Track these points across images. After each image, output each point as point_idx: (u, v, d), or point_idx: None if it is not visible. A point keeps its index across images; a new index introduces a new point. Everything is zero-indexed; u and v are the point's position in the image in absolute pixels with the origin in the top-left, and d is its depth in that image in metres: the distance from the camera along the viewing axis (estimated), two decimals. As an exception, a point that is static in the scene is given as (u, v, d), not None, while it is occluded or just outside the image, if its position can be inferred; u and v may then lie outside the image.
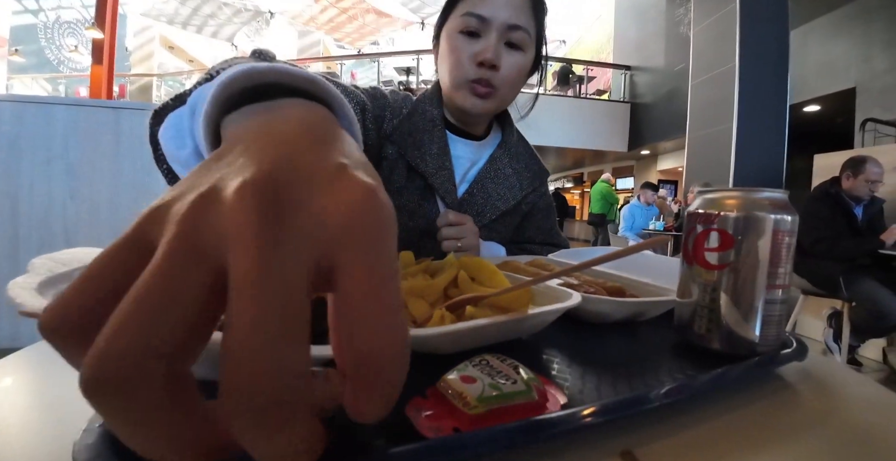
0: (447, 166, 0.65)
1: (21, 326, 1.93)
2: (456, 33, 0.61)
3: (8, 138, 1.86)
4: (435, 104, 0.67)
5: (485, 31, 0.60)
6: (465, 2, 0.61)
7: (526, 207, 0.76)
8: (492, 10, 0.59)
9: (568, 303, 0.30)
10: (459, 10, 0.61)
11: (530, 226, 0.78)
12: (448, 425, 0.18)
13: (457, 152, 0.68)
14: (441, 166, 0.64)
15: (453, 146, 0.68)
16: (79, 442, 0.17)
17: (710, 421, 0.24)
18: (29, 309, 0.17)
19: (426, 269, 0.40)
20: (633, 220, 4.52)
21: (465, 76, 0.61)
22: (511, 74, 0.62)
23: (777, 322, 0.30)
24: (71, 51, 10.45)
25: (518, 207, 0.74)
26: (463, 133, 0.70)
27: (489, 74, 0.60)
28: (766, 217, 0.29)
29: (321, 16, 10.34)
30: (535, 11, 0.62)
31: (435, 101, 0.67)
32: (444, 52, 0.63)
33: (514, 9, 0.59)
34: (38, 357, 0.34)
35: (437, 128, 0.66)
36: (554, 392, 0.21)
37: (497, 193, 0.69)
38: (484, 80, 0.60)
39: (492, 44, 0.59)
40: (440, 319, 0.27)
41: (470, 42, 0.60)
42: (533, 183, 0.75)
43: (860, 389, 0.30)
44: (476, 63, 0.60)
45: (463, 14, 0.60)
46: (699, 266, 0.31)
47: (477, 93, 0.61)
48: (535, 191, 0.76)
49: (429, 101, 0.67)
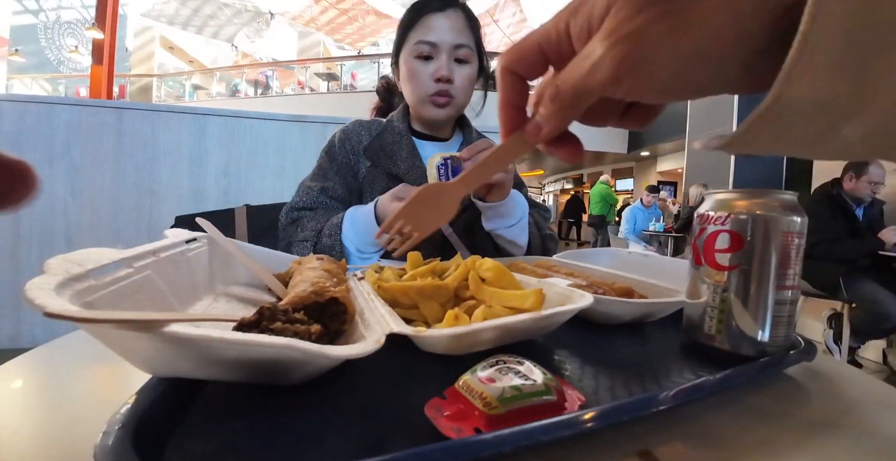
0: (418, 165, 0.77)
1: (21, 326, 1.93)
2: (412, 59, 0.75)
3: (9, 138, 1.86)
4: (402, 119, 0.82)
5: (436, 53, 0.75)
6: (415, 31, 0.75)
7: None
8: (439, 36, 0.74)
9: (581, 304, 0.30)
10: (412, 39, 0.75)
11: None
12: (469, 425, 0.18)
13: (426, 153, 0.80)
14: (412, 166, 0.77)
15: (423, 148, 0.81)
16: (99, 444, 0.17)
17: (723, 420, 0.24)
18: (51, 309, 0.17)
19: (434, 270, 0.40)
20: (635, 222, 4.52)
21: (426, 92, 0.76)
22: (463, 83, 0.77)
23: (786, 322, 0.30)
24: (71, 51, 10.44)
25: None
26: (432, 138, 0.84)
27: (446, 87, 0.75)
28: (776, 218, 0.29)
29: (321, 17, 10.36)
30: (472, 29, 0.77)
31: (402, 117, 0.83)
32: (405, 75, 0.77)
33: (456, 32, 0.75)
34: (45, 359, 0.34)
35: (404, 137, 0.80)
36: (571, 392, 0.22)
37: None
38: (443, 92, 0.75)
39: (444, 63, 0.74)
40: (453, 320, 0.27)
41: (425, 64, 0.75)
42: None
43: (869, 389, 0.30)
44: (434, 80, 0.75)
45: (416, 42, 0.74)
46: (709, 267, 0.31)
47: (438, 103, 0.76)
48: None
49: (398, 118, 0.83)
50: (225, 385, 0.24)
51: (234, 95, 9.79)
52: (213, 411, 0.22)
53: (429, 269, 0.40)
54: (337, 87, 8.99)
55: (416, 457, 0.16)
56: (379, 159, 0.79)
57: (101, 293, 0.24)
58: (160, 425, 0.20)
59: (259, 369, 0.21)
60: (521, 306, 0.30)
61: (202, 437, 0.20)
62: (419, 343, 0.28)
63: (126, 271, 0.28)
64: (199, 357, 0.20)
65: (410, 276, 0.39)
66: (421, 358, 0.29)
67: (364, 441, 0.20)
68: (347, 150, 0.81)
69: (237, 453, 0.19)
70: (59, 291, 0.21)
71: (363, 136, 0.82)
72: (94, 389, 0.30)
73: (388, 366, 0.28)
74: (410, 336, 0.26)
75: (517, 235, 0.71)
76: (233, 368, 0.21)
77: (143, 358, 0.21)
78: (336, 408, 0.23)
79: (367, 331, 0.27)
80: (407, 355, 0.29)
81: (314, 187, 0.77)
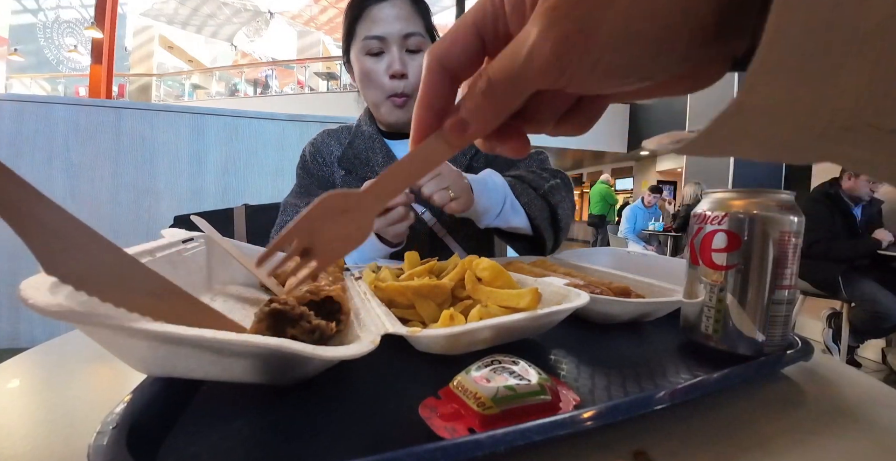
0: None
1: (20, 326, 1.93)
2: (363, 56, 0.70)
3: (8, 137, 1.86)
4: (369, 122, 0.78)
5: (386, 47, 0.69)
6: (361, 25, 0.70)
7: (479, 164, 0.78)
8: (386, 28, 0.68)
9: (577, 303, 0.30)
10: (359, 35, 0.70)
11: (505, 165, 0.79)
12: (463, 425, 0.18)
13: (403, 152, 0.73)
14: None
15: (398, 149, 0.77)
16: (93, 443, 0.17)
17: (720, 420, 0.24)
18: (44, 307, 0.17)
19: (431, 270, 0.40)
20: (635, 221, 4.52)
21: (383, 92, 0.71)
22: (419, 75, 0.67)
23: (783, 322, 0.30)
24: (70, 50, 10.43)
25: (470, 168, 0.77)
26: (406, 135, 0.77)
27: (401, 86, 0.70)
28: (773, 218, 0.29)
29: (321, 16, 10.34)
30: (421, 14, 0.72)
31: (368, 120, 0.78)
32: (358, 75, 0.73)
33: (403, 20, 0.69)
34: (43, 358, 0.34)
35: (376, 141, 0.76)
36: (566, 392, 0.22)
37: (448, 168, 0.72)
38: (398, 93, 0.71)
39: (395, 56, 0.69)
40: (449, 320, 0.27)
41: (376, 60, 0.70)
42: (469, 151, 0.78)
43: (866, 388, 0.30)
44: (388, 76, 0.70)
45: (364, 38, 0.69)
46: (706, 266, 0.31)
47: (396, 104, 0.72)
48: (477, 153, 0.79)
49: (364, 121, 0.79)
50: (220, 385, 0.24)
51: (234, 95, 9.79)
52: (207, 411, 0.22)
53: (426, 269, 0.40)
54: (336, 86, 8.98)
55: (409, 457, 0.16)
56: (355, 168, 0.76)
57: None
58: (155, 425, 0.20)
59: (254, 369, 0.21)
60: (518, 305, 0.30)
61: (197, 437, 0.20)
62: (415, 343, 0.28)
63: (122, 271, 0.28)
64: (193, 357, 0.20)
65: (407, 276, 0.39)
66: (416, 357, 0.29)
67: (358, 441, 0.20)
68: (320, 163, 0.79)
69: (231, 453, 0.19)
70: (54, 291, 0.21)
71: (333, 147, 0.79)
72: (92, 388, 0.30)
73: (383, 366, 0.28)
74: (406, 336, 0.26)
75: (510, 218, 0.62)
76: (227, 368, 0.21)
77: (137, 357, 0.21)
78: (330, 407, 0.23)
79: (363, 331, 0.27)
80: (403, 355, 0.29)
81: (299, 204, 0.75)
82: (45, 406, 0.26)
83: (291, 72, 9.92)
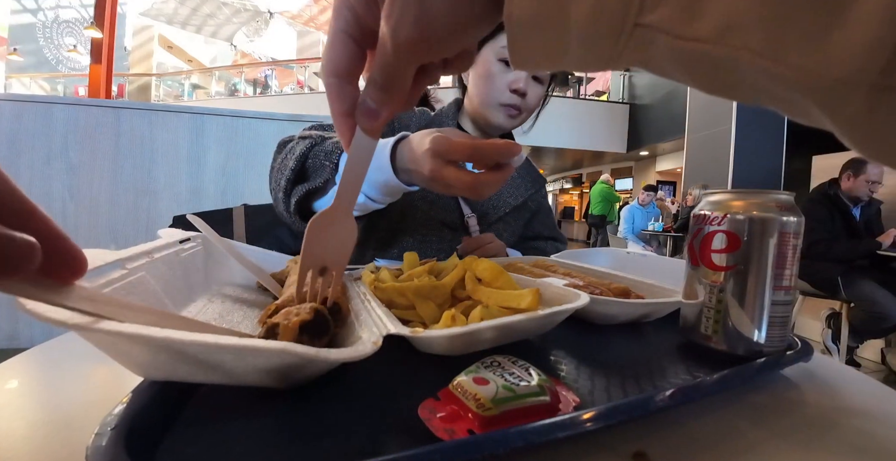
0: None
1: (20, 326, 1.93)
2: (496, 60, 0.73)
3: (7, 137, 1.86)
4: (451, 118, 0.81)
5: None
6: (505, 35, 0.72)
7: (533, 205, 0.90)
8: None
9: (577, 304, 0.30)
10: (500, 41, 0.72)
11: (538, 223, 0.92)
12: (462, 427, 0.18)
13: None
14: None
15: None
16: (91, 445, 0.17)
17: (719, 421, 0.24)
18: (42, 312, 0.17)
19: (430, 270, 0.40)
20: (633, 221, 4.53)
21: (499, 99, 0.75)
22: (534, 101, 0.77)
23: (782, 323, 0.30)
24: (70, 50, 10.41)
25: (525, 205, 0.87)
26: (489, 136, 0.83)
27: (520, 101, 0.75)
28: (773, 218, 0.29)
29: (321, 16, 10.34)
30: None
31: (451, 115, 0.81)
32: (482, 72, 0.75)
33: None
34: (42, 359, 0.34)
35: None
36: (566, 393, 0.22)
37: (506, 191, 0.83)
38: (515, 105, 0.75)
39: (523, 76, 0.74)
40: (450, 320, 0.27)
41: (505, 71, 0.74)
42: (535, 185, 0.89)
43: (865, 389, 0.30)
44: (510, 90, 0.74)
45: (503, 45, 0.71)
46: (705, 267, 0.31)
47: (510, 114, 0.76)
48: (538, 192, 0.90)
49: (446, 115, 0.82)
50: (219, 386, 0.23)
51: (233, 95, 9.79)
52: (206, 413, 0.22)
53: (425, 269, 0.40)
54: (336, 86, 8.96)
55: (408, 459, 0.16)
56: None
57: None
58: (153, 426, 0.19)
59: (256, 374, 0.21)
60: (518, 306, 0.30)
61: (195, 439, 0.20)
62: (416, 344, 0.28)
63: (120, 272, 0.28)
64: (193, 362, 0.20)
65: (407, 277, 0.39)
66: (415, 358, 0.29)
67: (357, 442, 0.20)
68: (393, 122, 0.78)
69: (230, 454, 0.19)
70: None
71: (412, 120, 0.80)
72: (90, 389, 0.30)
73: (381, 367, 0.28)
74: (408, 337, 0.26)
75: None
76: (228, 373, 0.21)
77: (136, 362, 0.21)
78: (329, 409, 0.23)
79: (364, 332, 0.27)
80: (402, 355, 0.29)
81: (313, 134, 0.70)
82: (43, 407, 0.26)
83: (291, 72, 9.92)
